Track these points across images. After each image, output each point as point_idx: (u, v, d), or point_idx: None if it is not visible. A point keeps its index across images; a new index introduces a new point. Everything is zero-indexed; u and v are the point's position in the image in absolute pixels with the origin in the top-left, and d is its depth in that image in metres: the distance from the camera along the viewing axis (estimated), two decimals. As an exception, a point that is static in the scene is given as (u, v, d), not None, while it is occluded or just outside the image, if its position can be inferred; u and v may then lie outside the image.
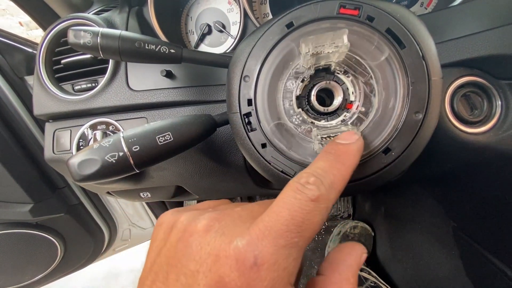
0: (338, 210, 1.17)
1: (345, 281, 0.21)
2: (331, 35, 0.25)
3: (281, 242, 0.17)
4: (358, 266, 0.22)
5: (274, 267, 0.16)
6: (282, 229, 0.17)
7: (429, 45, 0.28)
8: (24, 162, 0.72)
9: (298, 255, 0.18)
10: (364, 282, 0.89)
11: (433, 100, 0.28)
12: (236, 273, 0.16)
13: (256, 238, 0.17)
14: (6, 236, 0.77)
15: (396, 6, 0.29)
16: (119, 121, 0.46)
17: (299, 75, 0.30)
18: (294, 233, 0.17)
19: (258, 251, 0.16)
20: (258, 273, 0.16)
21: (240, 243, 0.17)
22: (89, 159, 0.29)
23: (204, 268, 0.17)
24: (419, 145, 0.28)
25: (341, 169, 0.21)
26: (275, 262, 0.16)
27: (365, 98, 0.29)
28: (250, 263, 0.16)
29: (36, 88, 0.48)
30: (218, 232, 0.18)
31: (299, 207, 0.18)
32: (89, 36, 0.30)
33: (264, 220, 0.18)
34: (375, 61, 0.28)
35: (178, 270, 0.18)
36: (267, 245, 0.16)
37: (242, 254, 0.16)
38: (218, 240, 0.18)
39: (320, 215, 0.18)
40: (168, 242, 0.20)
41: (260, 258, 0.16)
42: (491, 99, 0.40)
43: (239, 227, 0.18)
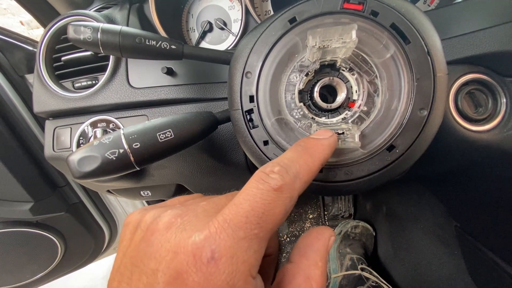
0: (339, 209, 1.17)
1: (313, 265, 0.21)
2: (339, 29, 0.25)
3: (240, 234, 0.17)
4: (327, 250, 0.22)
5: (232, 260, 0.16)
6: (241, 221, 0.17)
7: (435, 41, 0.27)
8: (24, 161, 0.72)
9: (259, 247, 0.17)
10: (366, 282, 0.88)
11: (438, 96, 0.27)
12: (193, 268, 0.16)
13: (214, 232, 0.17)
14: (7, 234, 0.76)
15: (400, 1, 0.28)
16: (120, 119, 0.46)
17: (303, 68, 0.29)
18: (254, 225, 0.17)
19: (215, 245, 0.16)
20: (216, 267, 0.16)
21: (198, 238, 0.17)
22: (89, 156, 0.28)
23: (163, 266, 0.17)
24: (424, 142, 0.28)
25: (308, 161, 0.21)
26: (233, 255, 0.16)
27: (368, 98, 0.29)
28: (207, 258, 0.16)
29: (36, 85, 0.47)
30: (179, 228, 0.18)
31: (260, 198, 0.18)
32: (89, 32, 0.30)
33: (224, 213, 0.17)
34: (381, 58, 0.28)
35: (140, 270, 0.18)
36: (225, 238, 0.16)
37: (199, 249, 0.16)
38: (178, 236, 0.17)
39: (283, 205, 0.18)
40: (133, 242, 0.20)
41: (218, 252, 0.16)
42: (495, 97, 0.40)
43: (201, 221, 0.18)
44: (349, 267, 0.95)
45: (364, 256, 0.98)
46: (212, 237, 0.16)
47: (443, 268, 0.74)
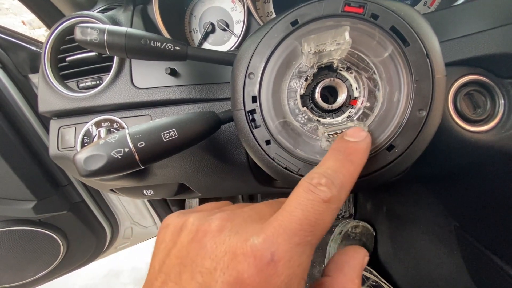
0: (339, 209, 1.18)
1: (350, 282, 0.22)
2: (332, 33, 0.25)
3: (296, 240, 0.17)
4: (362, 268, 0.23)
5: (290, 264, 0.17)
6: (296, 228, 0.18)
7: (433, 43, 0.28)
8: (27, 160, 0.73)
9: (310, 252, 0.18)
10: (366, 281, 0.89)
11: (437, 97, 0.28)
12: (254, 269, 0.16)
13: (271, 235, 0.17)
14: (10, 233, 0.77)
15: (400, 4, 0.29)
16: (124, 119, 0.46)
17: (302, 74, 0.30)
18: (308, 232, 0.18)
19: (274, 248, 0.17)
20: (275, 269, 0.16)
21: (257, 240, 0.17)
22: (95, 155, 0.29)
23: (222, 266, 0.17)
24: (423, 142, 0.28)
25: (350, 169, 0.22)
26: (291, 258, 0.17)
27: (369, 93, 0.29)
28: (267, 260, 0.16)
29: (41, 85, 0.48)
30: (232, 231, 0.19)
31: (312, 208, 0.18)
32: (96, 33, 0.31)
33: (278, 219, 0.18)
34: (379, 57, 0.28)
35: (192, 269, 0.18)
36: (283, 242, 0.17)
37: (259, 251, 0.17)
38: (233, 238, 0.18)
39: (331, 215, 0.19)
40: (179, 243, 0.20)
41: (277, 255, 0.17)
42: (494, 98, 0.40)
43: (252, 226, 0.19)
44: (349, 266, 0.95)
45: (364, 256, 0.99)
46: (270, 241, 0.17)
47: (443, 267, 0.74)
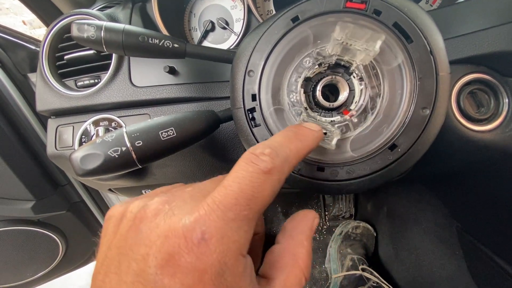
0: (340, 210, 1.17)
1: (299, 245, 0.22)
2: (369, 33, 0.25)
3: (230, 215, 0.17)
4: (311, 230, 0.23)
5: (223, 240, 0.16)
6: (231, 203, 0.17)
7: (437, 40, 0.27)
8: (26, 160, 0.72)
9: (248, 227, 0.18)
10: (367, 282, 0.88)
11: (441, 95, 0.27)
12: (185, 249, 0.16)
13: (204, 214, 0.17)
14: (9, 233, 0.77)
15: (403, 0, 0.28)
16: (122, 118, 0.46)
17: (319, 57, 0.29)
18: (244, 206, 0.17)
19: (205, 226, 0.16)
20: (207, 247, 0.16)
21: (188, 220, 0.17)
22: (91, 154, 0.28)
23: (154, 250, 0.17)
24: (426, 141, 0.28)
25: (298, 145, 0.22)
26: (224, 235, 0.17)
27: (362, 112, 0.29)
28: (198, 238, 0.16)
29: (39, 84, 0.48)
30: (168, 214, 0.18)
31: (250, 180, 0.18)
32: (93, 30, 0.30)
33: (213, 196, 0.18)
34: (388, 66, 0.28)
35: (129, 258, 0.18)
36: (215, 219, 0.17)
37: (189, 231, 0.16)
38: (167, 221, 0.18)
39: (271, 187, 0.19)
40: (118, 233, 0.20)
41: (208, 233, 0.16)
42: (498, 97, 0.40)
43: (189, 205, 0.18)
44: (350, 267, 0.95)
45: (365, 257, 0.98)
46: (202, 219, 0.17)
47: (444, 268, 0.74)
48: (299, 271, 0.21)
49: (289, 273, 0.21)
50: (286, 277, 0.20)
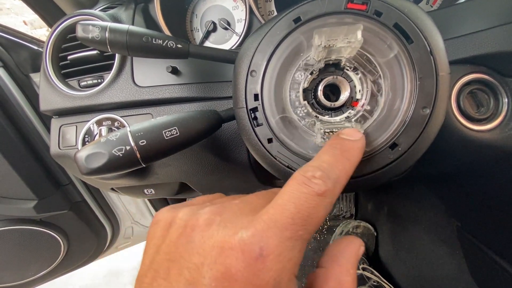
0: (340, 210, 1.17)
1: (345, 272, 0.21)
2: (345, 29, 0.25)
3: (287, 234, 0.17)
4: (357, 258, 0.23)
5: (280, 258, 0.16)
6: (287, 222, 0.17)
7: (437, 40, 0.28)
8: (28, 159, 0.73)
9: (302, 247, 0.18)
10: (367, 282, 0.89)
11: (441, 95, 0.27)
12: (242, 264, 0.16)
13: (261, 229, 0.17)
14: (11, 232, 0.77)
15: (404, 1, 0.29)
16: (125, 117, 0.46)
17: (308, 67, 0.30)
18: (300, 226, 0.17)
19: (263, 242, 0.16)
20: (264, 264, 0.16)
21: (245, 234, 0.17)
22: (96, 153, 0.29)
23: (209, 261, 0.17)
24: (426, 140, 0.28)
25: (346, 165, 0.22)
26: (281, 253, 0.16)
27: (371, 97, 0.29)
28: (256, 254, 0.16)
29: (42, 84, 0.48)
30: (221, 225, 0.18)
31: (305, 201, 0.18)
32: (98, 31, 0.31)
33: (269, 212, 0.18)
34: (384, 58, 0.28)
35: (180, 265, 0.18)
36: (273, 236, 0.17)
37: (247, 246, 0.16)
38: (221, 232, 0.18)
39: (325, 209, 0.19)
40: (168, 238, 0.20)
41: (266, 250, 0.16)
42: (497, 97, 0.40)
43: (241, 219, 0.18)
44: (350, 267, 0.95)
45: (366, 256, 0.99)
46: (259, 235, 0.17)
47: (445, 268, 0.74)
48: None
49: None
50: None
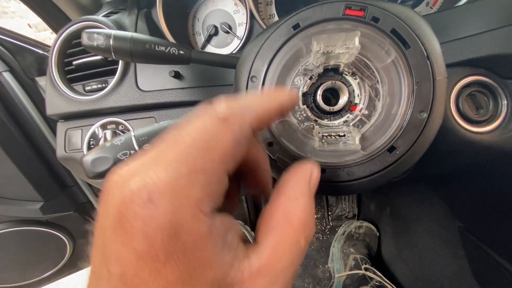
0: (343, 210, 1.17)
1: (292, 201, 0.19)
2: (343, 35, 0.26)
3: (182, 170, 0.15)
4: (307, 183, 0.20)
5: (174, 199, 0.14)
6: (181, 157, 0.15)
7: (434, 45, 0.28)
8: (35, 162, 0.74)
9: (207, 181, 0.15)
10: (369, 282, 0.89)
11: (438, 99, 0.28)
12: (132, 214, 0.14)
13: (152, 173, 0.15)
14: (18, 233, 0.79)
15: (401, 7, 0.29)
16: (129, 121, 0.47)
17: (307, 72, 0.30)
18: (197, 158, 0.15)
19: (152, 186, 0.14)
20: (155, 208, 0.14)
21: (134, 184, 0.15)
22: (102, 157, 0.30)
23: (109, 221, 0.15)
24: (424, 143, 0.29)
25: (263, 98, 0.20)
26: (174, 192, 0.14)
27: (369, 102, 0.30)
28: (144, 201, 0.14)
29: (48, 88, 0.49)
30: (123, 182, 0.16)
31: (204, 129, 0.16)
32: (102, 38, 0.31)
33: (162, 152, 0.16)
34: (382, 63, 0.29)
35: (98, 234, 0.16)
36: (164, 177, 0.15)
37: (135, 194, 0.14)
38: (120, 189, 0.15)
39: (231, 135, 0.17)
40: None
41: (156, 193, 0.14)
42: (496, 99, 0.40)
43: (140, 169, 0.16)
44: (353, 267, 0.95)
45: (368, 256, 0.99)
46: (149, 179, 0.15)
47: (447, 268, 0.74)
48: (293, 231, 0.18)
49: (280, 235, 0.18)
50: (277, 239, 0.18)
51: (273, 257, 0.17)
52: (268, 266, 0.17)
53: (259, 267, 0.16)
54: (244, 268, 0.16)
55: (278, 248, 0.17)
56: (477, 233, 0.63)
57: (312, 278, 1.11)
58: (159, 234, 0.14)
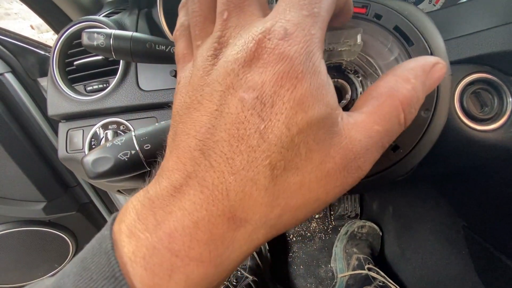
0: (345, 209, 1.17)
1: (402, 80, 0.19)
2: (345, 32, 0.25)
3: (304, 13, 0.17)
4: (424, 71, 0.19)
5: (304, 32, 0.16)
6: (300, 3, 0.17)
7: (438, 42, 0.28)
8: (37, 162, 0.74)
9: (322, 24, 0.17)
10: (373, 282, 0.88)
11: (442, 97, 0.27)
12: (270, 45, 0.16)
13: (278, 17, 0.17)
14: (21, 233, 0.79)
15: (403, 4, 0.29)
16: (130, 121, 0.47)
17: None
18: (313, 4, 0.17)
19: (284, 23, 0.16)
20: (291, 39, 0.16)
21: (263, 26, 0.17)
22: (102, 157, 0.30)
23: (238, 63, 0.17)
24: (428, 142, 0.28)
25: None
26: (304, 28, 0.16)
27: None
28: (281, 34, 0.16)
29: (50, 89, 0.49)
30: (236, 34, 0.18)
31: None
32: (102, 38, 0.31)
33: (281, 4, 0.17)
34: (385, 60, 0.28)
35: (210, 88, 0.18)
36: (291, 18, 0.16)
37: (270, 32, 0.16)
38: (242, 36, 0.17)
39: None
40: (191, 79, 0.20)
41: (289, 28, 0.16)
42: (501, 96, 0.40)
43: (254, 23, 0.18)
44: (356, 266, 0.95)
45: (371, 256, 0.98)
46: (279, 20, 0.16)
47: (451, 267, 0.73)
48: (395, 104, 0.18)
49: (381, 103, 0.18)
50: (377, 106, 0.18)
51: (372, 118, 0.18)
52: (366, 124, 0.18)
53: (355, 122, 0.18)
54: (345, 116, 0.18)
55: (377, 113, 0.18)
56: (481, 232, 0.63)
57: (314, 278, 1.11)
58: (298, 57, 0.16)
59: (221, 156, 0.16)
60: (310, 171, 0.17)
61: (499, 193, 0.51)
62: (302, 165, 0.16)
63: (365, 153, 0.18)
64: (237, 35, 0.18)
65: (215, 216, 0.16)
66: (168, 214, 0.16)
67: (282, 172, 0.16)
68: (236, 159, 0.16)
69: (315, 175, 0.17)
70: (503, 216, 0.53)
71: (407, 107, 0.18)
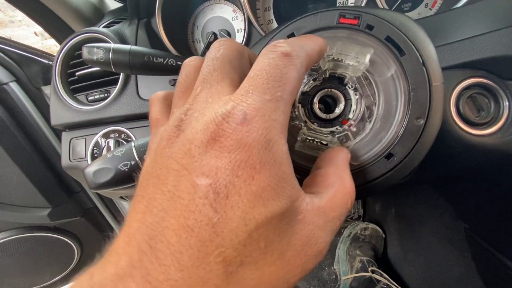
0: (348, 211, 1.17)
1: (344, 171, 0.22)
2: (357, 48, 0.26)
3: (266, 97, 0.17)
4: (347, 163, 0.23)
5: (265, 118, 0.16)
6: (263, 87, 0.17)
7: (429, 51, 0.28)
8: (42, 169, 0.76)
9: (285, 108, 0.17)
10: (376, 284, 0.88)
11: (435, 105, 0.28)
12: (229, 130, 0.16)
13: (240, 100, 0.16)
14: (27, 239, 0.80)
15: (395, 14, 0.29)
16: (131, 129, 0.48)
17: (313, 73, 0.30)
18: (276, 88, 0.17)
19: (245, 108, 0.16)
20: (251, 125, 0.16)
21: (225, 108, 0.16)
22: (103, 168, 0.30)
23: (196, 143, 0.16)
24: (422, 150, 0.28)
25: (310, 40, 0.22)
26: (264, 114, 0.16)
27: (360, 121, 0.30)
28: (240, 119, 0.16)
29: (53, 99, 0.50)
30: (197, 115, 0.18)
31: (274, 64, 0.18)
32: (102, 52, 0.32)
33: (244, 86, 0.17)
34: (381, 77, 0.29)
35: (167, 164, 0.17)
36: (252, 102, 0.16)
37: (230, 115, 0.16)
38: (201, 119, 0.17)
39: (295, 70, 0.18)
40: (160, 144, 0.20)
41: (249, 113, 0.16)
42: (498, 100, 0.40)
43: (218, 102, 0.18)
44: (360, 269, 0.95)
45: (374, 258, 0.98)
46: (240, 104, 0.16)
47: (453, 269, 0.73)
48: (346, 192, 0.20)
49: (336, 191, 0.20)
50: (334, 193, 0.20)
51: (330, 205, 0.19)
52: (326, 209, 0.19)
53: (319, 207, 0.18)
54: (308, 201, 0.18)
55: (333, 200, 0.19)
56: (482, 234, 0.62)
57: (318, 280, 1.11)
58: (256, 146, 0.16)
59: (168, 248, 0.14)
60: (270, 264, 0.16)
61: (499, 196, 0.51)
62: (261, 258, 0.15)
63: (325, 237, 0.18)
64: (202, 110, 0.18)
65: None
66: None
67: (238, 269, 0.15)
68: (185, 253, 0.14)
69: (275, 267, 0.16)
70: (504, 219, 0.53)
71: (351, 195, 0.21)
